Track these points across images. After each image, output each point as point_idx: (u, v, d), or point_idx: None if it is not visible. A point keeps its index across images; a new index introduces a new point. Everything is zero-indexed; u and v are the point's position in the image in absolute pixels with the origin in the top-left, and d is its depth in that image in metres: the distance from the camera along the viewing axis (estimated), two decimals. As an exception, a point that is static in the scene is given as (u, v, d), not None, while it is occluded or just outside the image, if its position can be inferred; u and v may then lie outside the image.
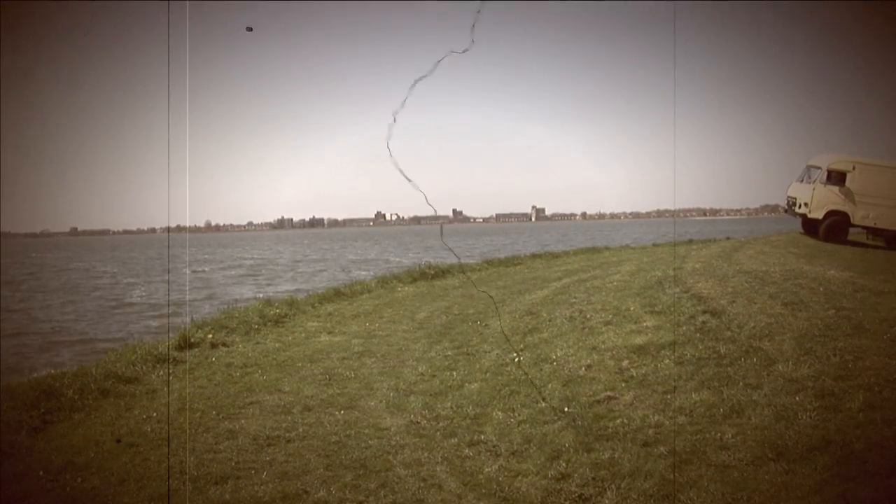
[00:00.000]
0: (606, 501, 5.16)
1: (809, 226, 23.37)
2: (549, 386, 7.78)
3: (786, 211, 24.39)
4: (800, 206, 22.74)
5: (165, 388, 8.65)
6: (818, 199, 22.46)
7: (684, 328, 8.97)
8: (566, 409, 7.03)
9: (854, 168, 22.36)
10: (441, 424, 7.03)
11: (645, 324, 9.48)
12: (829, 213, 22.28)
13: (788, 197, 23.89)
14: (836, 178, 22.31)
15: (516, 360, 8.96)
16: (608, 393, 7.30)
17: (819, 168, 22.77)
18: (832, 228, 22.22)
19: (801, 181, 23.45)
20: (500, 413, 7.18)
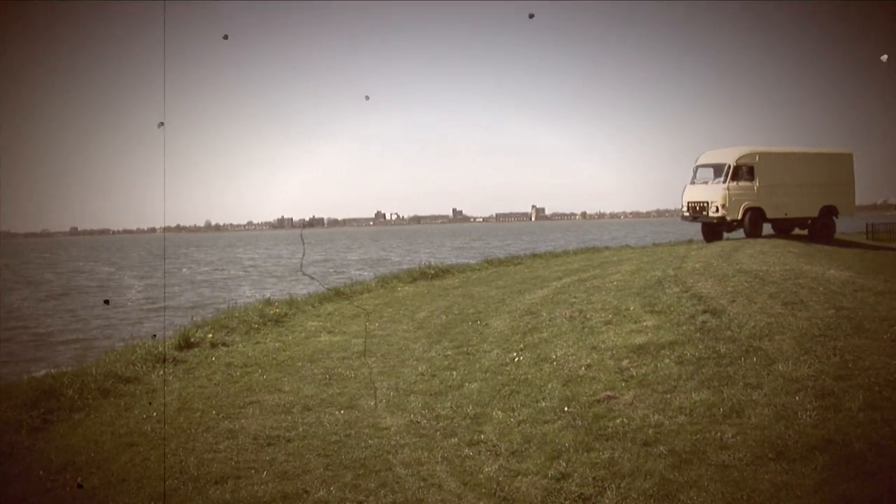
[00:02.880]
0: (606, 501, 5.16)
1: (713, 230, 21.65)
2: (549, 385, 7.78)
3: (694, 218, 21.81)
4: (716, 209, 20.69)
5: (165, 388, 8.64)
6: (735, 198, 20.57)
7: (684, 328, 8.96)
8: (566, 408, 7.03)
9: (758, 159, 20.94)
10: (441, 424, 7.03)
11: (645, 323, 9.48)
12: (747, 211, 20.73)
13: (692, 202, 21.60)
14: (746, 172, 20.68)
15: (515, 358, 8.96)
16: (608, 392, 7.30)
17: (720, 165, 20.97)
18: (754, 227, 20.90)
19: (706, 183, 21.49)
20: (499, 413, 7.17)
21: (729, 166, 20.62)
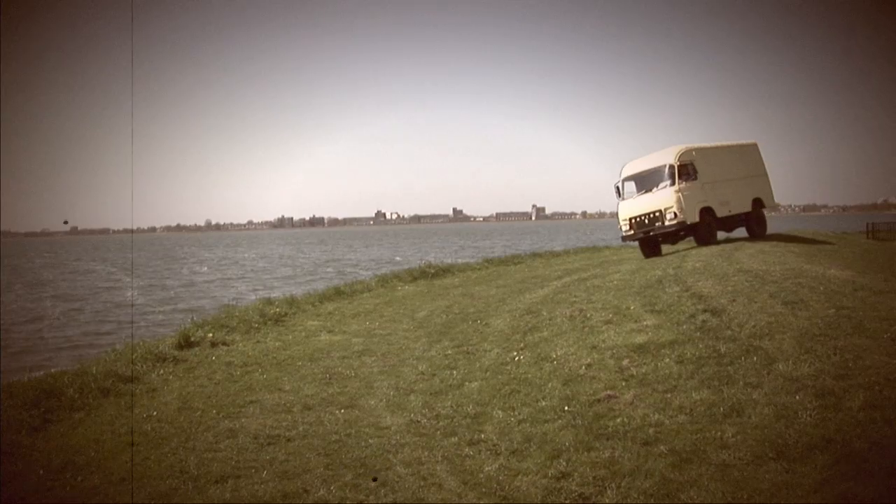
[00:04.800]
0: (606, 500, 5.16)
1: (654, 243, 19.79)
2: (550, 385, 7.77)
3: (646, 233, 19.62)
4: (673, 216, 18.76)
5: (165, 387, 8.65)
6: (690, 201, 18.80)
7: (684, 327, 8.96)
8: (566, 407, 7.02)
9: (695, 155, 19.53)
10: (441, 423, 7.03)
11: (645, 323, 9.48)
12: (701, 213, 19.09)
13: (637, 217, 19.58)
14: (691, 171, 18.99)
15: (515, 358, 8.96)
16: (608, 392, 7.30)
17: (656, 169, 19.38)
18: (709, 230, 19.43)
19: (649, 191, 19.52)
20: (500, 412, 7.17)
21: (673, 167, 19.00)
